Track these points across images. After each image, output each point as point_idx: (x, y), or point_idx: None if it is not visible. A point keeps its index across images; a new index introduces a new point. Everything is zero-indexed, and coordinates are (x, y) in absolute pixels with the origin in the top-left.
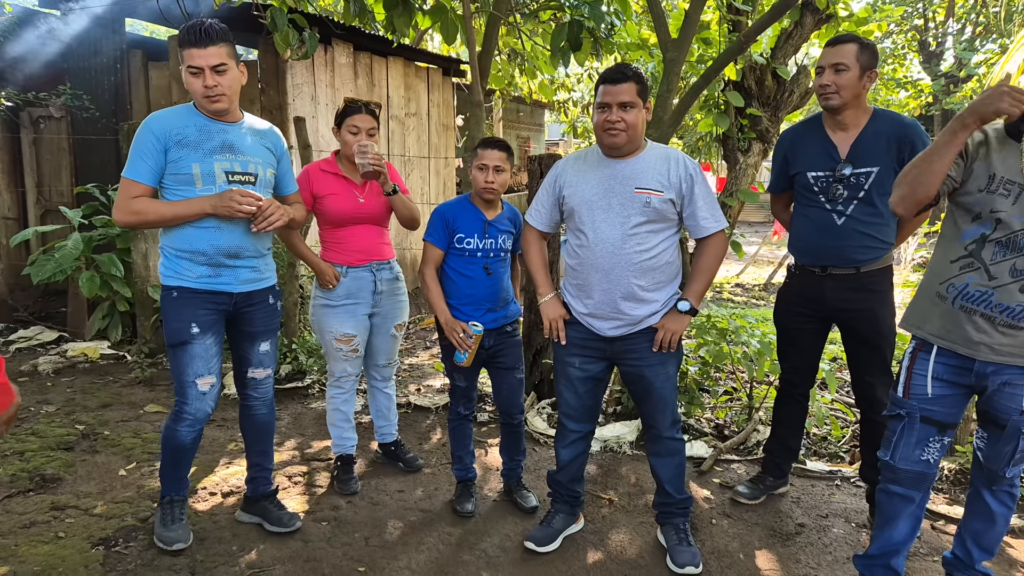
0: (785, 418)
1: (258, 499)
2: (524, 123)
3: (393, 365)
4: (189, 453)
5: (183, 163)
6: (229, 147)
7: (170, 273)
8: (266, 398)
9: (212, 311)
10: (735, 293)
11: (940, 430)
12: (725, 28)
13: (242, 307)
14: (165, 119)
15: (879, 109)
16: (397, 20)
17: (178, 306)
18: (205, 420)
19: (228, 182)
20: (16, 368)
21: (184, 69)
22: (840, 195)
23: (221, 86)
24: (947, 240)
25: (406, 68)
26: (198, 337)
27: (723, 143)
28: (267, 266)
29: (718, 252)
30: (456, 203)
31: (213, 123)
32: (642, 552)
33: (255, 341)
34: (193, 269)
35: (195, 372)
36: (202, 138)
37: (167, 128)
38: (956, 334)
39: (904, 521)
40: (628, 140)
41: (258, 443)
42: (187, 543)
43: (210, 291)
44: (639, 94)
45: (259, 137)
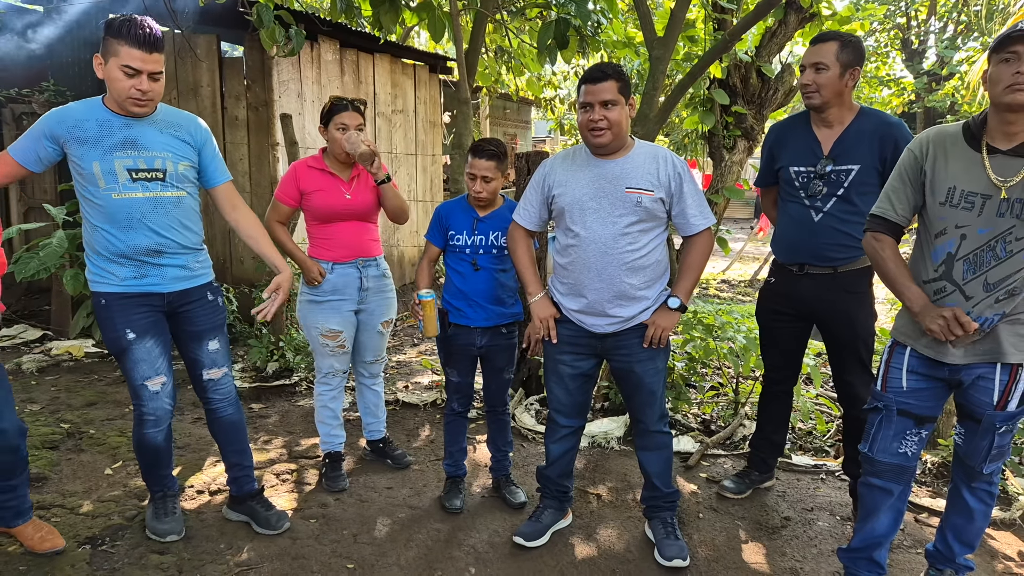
0: (770, 414)
1: (244, 498)
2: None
3: (381, 362)
4: (164, 453)
5: (85, 160)
6: (131, 143)
7: (96, 278)
8: (229, 397)
9: (146, 313)
10: (721, 289)
11: (918, 423)
12: (711, 26)
13: (179, 306)
14: (64, 113)
15: (866, 107)
16: (384, 17)
17: (109, 313)
18: (167, 418)
19: (132, 180)
20: None
21: (115, 63)
22: (819, 191)
23: (153, 92)
24: (920, 254)
25: (393, 65)
26: (136, 342)
27: (709, 141)
28: (199, 262)
29: (706, 249)
30: (454, 202)
31: (116, 118)
32: (630, 546)
33: (201, 340)
34: (118, 272)
35: (142, 375)
36: (102, 134)
37: (64, 122)
38: (943, 348)
39: (885, 514)
40: (613, 138)
41: (232, 443)
42: (180, 535)
43: (138, 294)
44: (620, 91)
45: (171, 128)
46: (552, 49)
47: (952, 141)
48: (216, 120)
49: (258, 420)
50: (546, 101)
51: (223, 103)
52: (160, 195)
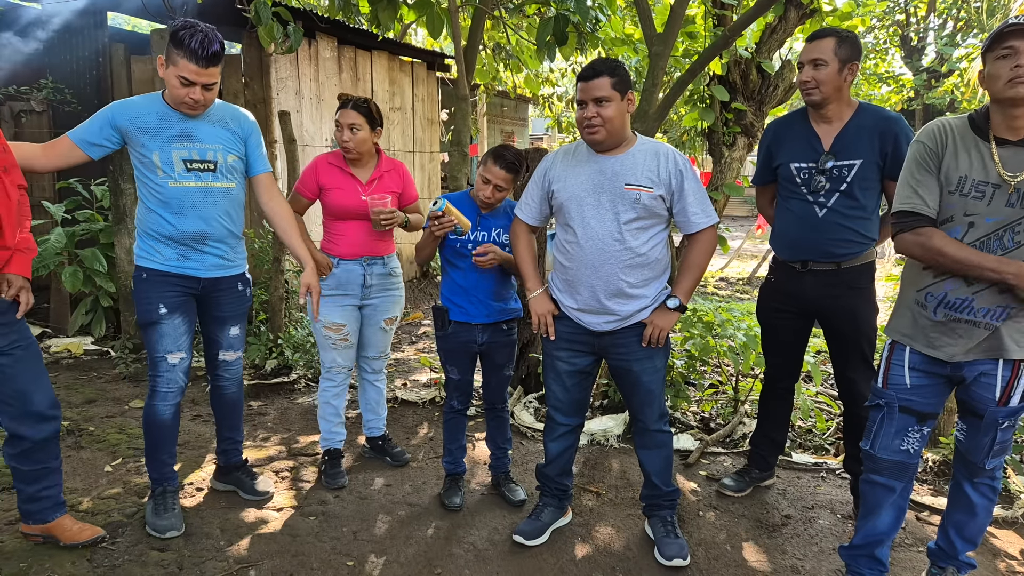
0: (770, 412)
1: (230, 469)
2: (508, 117)
3: (384, 358)
4: (169, 432)
5: (146, 150)
6: (187, 136)
7: (143, 253)
8: (236, 378)
9: (180, 293)
10: (719, 287)
11: (919, 420)
12: (710, 23)
13: (210, 292)
14: (128, 104)
15: (864, 103)
16: (382, 14)
17: (147, 287)
18: (179, 394)
19: (187, 170)
20: None
21: (173, 71)
22: (822, 187)
23: (205, 100)
24: None
25: (390, 62)
26: (166, 317)
27: (708, 137)
28: (236, 253)
29: (708, 248)
30: (457, 196)
31: (174, 112)
32: (629, 544)
33: (224, 325)
34: (163, 251)
35: (164, 348)
36: (162, 126)
37: (127, 112)
38: (932, 341)
39: (887, 511)
40: (608, 135)
41: (228, 418)
42: (180, 531)
43: (177, 274)
44: (615, 87)
45: (222, 122)
46: (551, 45)
47: (961, 132)
48: None
49: (257, 417)
50: (544, 98)
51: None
52: (211, 185)
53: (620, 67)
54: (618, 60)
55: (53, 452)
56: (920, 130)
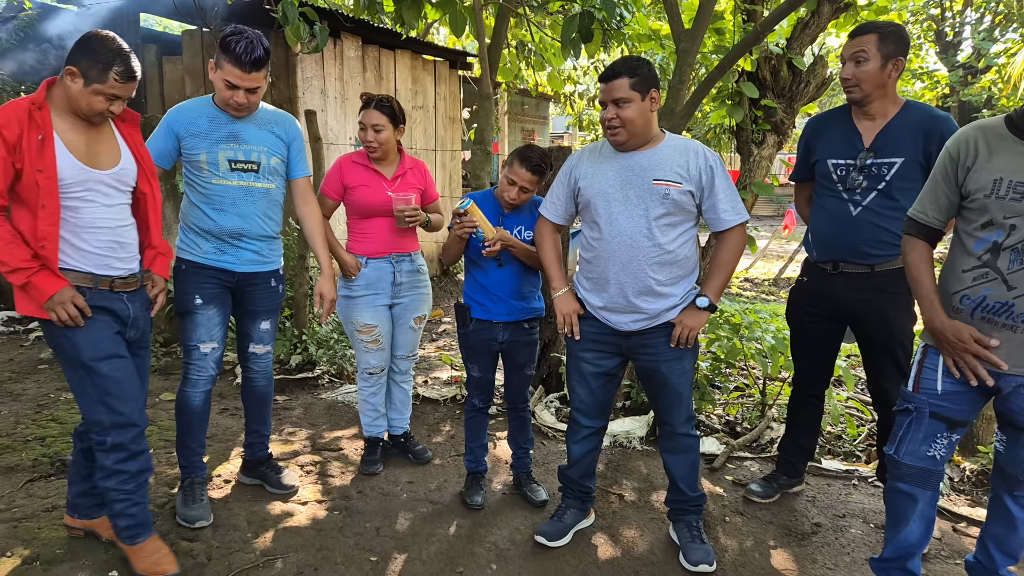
0: (799, 418)
1: (256, 463)
2: (529, 116)
3: (412, 358)
4: (199, 419)
5: (195, 151)
6: (234, 137)
7: (183, 246)
8: (265, 371)
9: (216, 285)
10: (744, 288)
11: (950, 427)
12: (740, 18)
13: (245, 286)
14: (184, 110)
15: (911, 101)
16: (406, 13)
17: (185, 278)
18: (210, 382)
19: (231, 169)
20: (36, 356)
21: (220, 76)
22: (859, 184)
23: (249, 103)
24: (958, 247)
25: (413, 61)
26: (201, 308)
27: (736, 135)
28: (271, 250)
29: (738, 246)
30: (481, 195)
31: (223, 114)
32: (653, 548)
33: (256, 319)
34: (201, 245)
35: (198, 338)
36: (212, 128)
37: (182, 119)
38: None
39: (916, 522)
40: (629, 136)
41: (257, 411)
42: (208, 521)
43: (214, 267)
44: (634, 88)
45: (268, 125)
46: (576, 43)
47: (995, 134)
48: None
49: (282, 412)
50: (565, 96)
51: None
52: (252, 185)
53: (642, 66)
54: (641, 59)
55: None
56: (952, 136)
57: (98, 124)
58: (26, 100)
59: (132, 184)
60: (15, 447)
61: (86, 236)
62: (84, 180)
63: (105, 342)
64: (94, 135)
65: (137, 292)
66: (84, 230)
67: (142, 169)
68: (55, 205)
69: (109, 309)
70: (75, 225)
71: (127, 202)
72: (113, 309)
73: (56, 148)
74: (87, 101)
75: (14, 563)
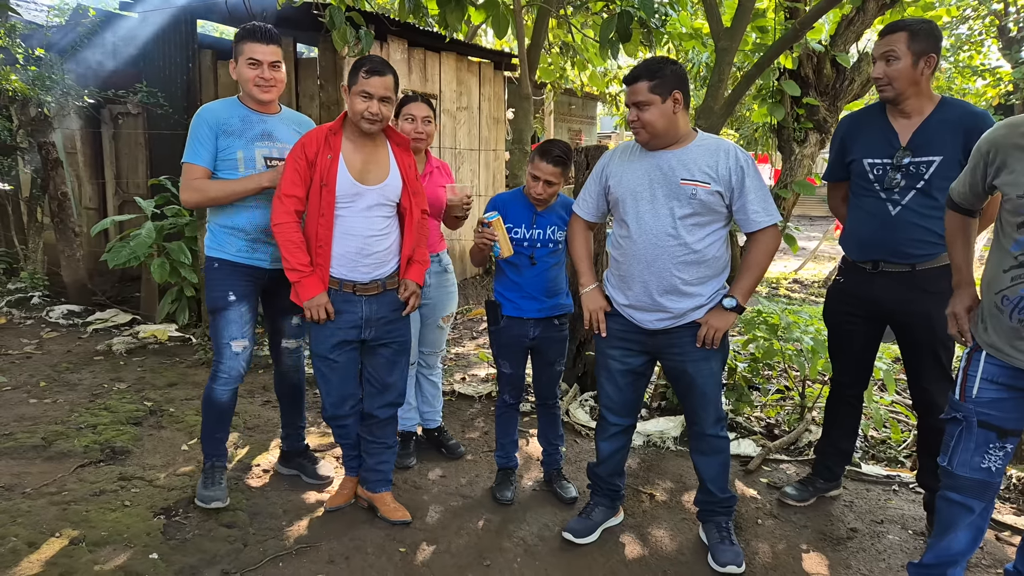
0: (836, 420)
1: (293, 454)
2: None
3: (438, 354)
4: (227, 414)
5: (230, 150)
6: (268, 135)
7: (214, 246)
8: (298, 365)
9: (248, 282)
10: (792, 289)
11: (1000, 435)
12: (781, 15)
13: (275, 283)
14: (215, 111)
15: (948, 97)
16: (450, 15)
17: (218, 276)
18: (239, 380)
19: (267, 166)
20: (92, 348)
21: (242, 60)
22: (897, 184)
23: (275, 79)
24: (999, 247)
25: (458, 63)
26: (234, 304)
27: (778, 134)
28: None
29: (769, 247)
30: (510, 194)
31: (254, 114)
32: (682, 548)
33: (287, 315)
34: (233, 243)
35: (230, 335)
36: (245, 127)
37: (217, 118)
38: (1014, 348)
39: (964, 531)
40: (651, 137)
41: (291, 404)
42: (224, 503)
43: (246, 265)
44: (653, 91)
45: (295, 126)
46: (614, 43)
47: None
48: None
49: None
50: (611, 96)
51: (298, 102)
52: None
53: (663, 68)
54: (665, 60)
55: (386, 434)
56: (986, 131)
57: (374, 140)
58: (327, 125)
59: (395, 199)
60: (68, 434)
61: (341, 241)
62: (353, 193)
63: (334, 340)
64: (370, 155)
65: (380, 296)
66: (342, 236)
67: (406, 187)
68: (331, 215)
69: (350, 311)
70: (338, 232)
71: (386, 215)
72: (352, 311)
73: (339, 165)
74: (352, 106)
75: (62, 543)
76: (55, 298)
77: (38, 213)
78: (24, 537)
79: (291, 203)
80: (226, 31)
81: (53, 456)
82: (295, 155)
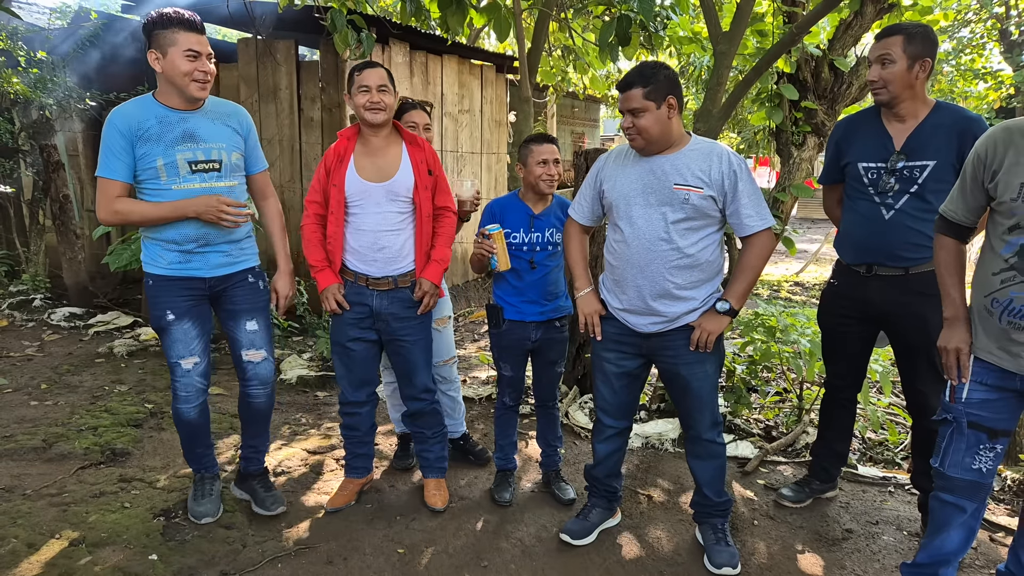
0: (831, 421)
1: (249, 477)
2: (579, 118)
3: (452, 364)
4: (200, 429)
5: (148, 157)
6: (190, 136)
7: (147, 260)
8: (266, 384)
9: (187, 297)
10: (793, 292)
11: (990, 436)
12: (780, 20)
13: (219, 288)
14: (128, 114)
15: (942, 102)
16: (451, 19)
17: (154, 293)
18: (201, 395)
19: (192, 172)
20: (93, 350)
21: (176, 51)
22: (891, 188)
23: (211, 74)
24: (989, 250)
25: (460, 66)
26: (175, 323)
27: (776, 137)
28: (242, 251)
29: (763, 251)
30: (505, 199)
31: (173, 113)
32: (679, 549)
33: (239, 319)
34: (165, 256)
35: (177, 354)
36: (163, 130)
37: (130, 124)
38: (1003, 351)
39: (956, 531)
40: (646, 143)
41: (255, 426)
42: (215, 517)
43: (182, 277)
44: (647, 97)
45: (222, 118)
46: (614, 46)
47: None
48: (293, 121)
49: (322, 407)
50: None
51: (299, 105)
52: (214, 185)
53: (656, 74)
54: (657, 65)
55: (425, 424)
56: (982, 136)
57: (385, 140)
58: (343, 133)
59: (406, 195)
60: (69, 436)
61: (355, 236)
62: (361, 191)
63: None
64: (380, 154)
65: (391, 292)
66: (355, 232)
67: (417, 185)
68: (341, 212)
69: (361, 303)
70: (352, 227)
71: (399, 211)
72: (363, 303)
73: (348, 168)
74: (355, 103)
75: (61, 545)
76: (57, 300)
77: (40, 215)
78: (24, 538)
79: (313, 208)
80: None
81: (53, 458)
82: (318, 168)
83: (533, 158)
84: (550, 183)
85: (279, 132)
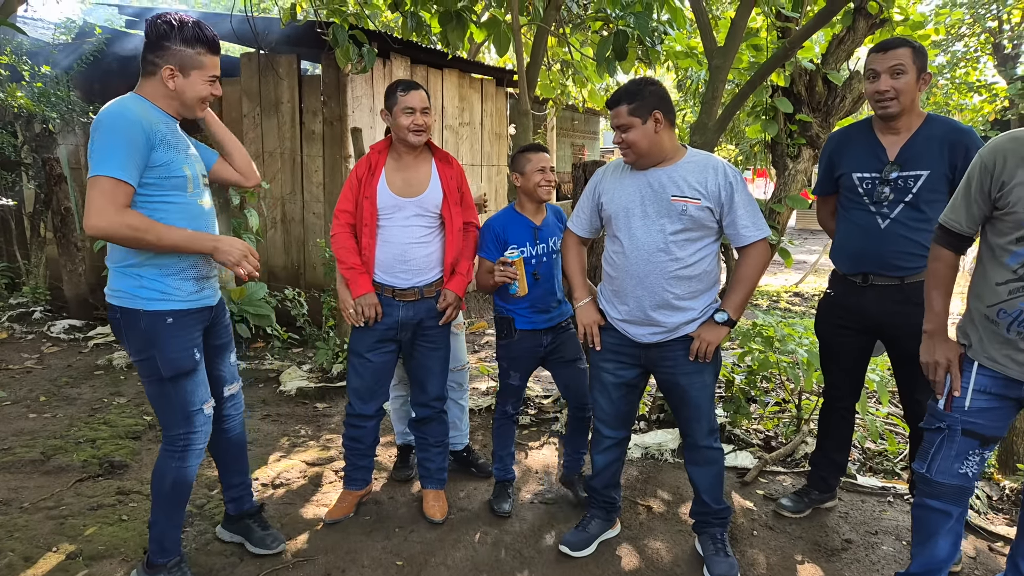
0: (829, 431)
1: (242, 517)
2: (579, 131)
3: (464, 370)
4: (189, 492)
5: (174, 165)
6: (190, 147)
7: (155, 296)
8: (240, 413)
9: (201, 330)
10: (793, 303)
11: (982, 443)
12: (774, 35)
13: (213, 321)
14: (140, 114)
15: (933, 114)
16: (451, 34)
17: (172, 333)
18: None
19: (204, 185)
20: (93, 362)
21: (199, 75)
22: (885, 197)
23: (216, 96)
24: (989, 260)
25: (460, 79)
26: (200, 363)
27: (772, 149)
28: None
29: (759, 262)
30: (504, 215)
31: (172, 120)
32: (678, 560)
33: (224, 354)
34: (182, 286)
35: (201, 399)
36: (175, 138)
37: (148, 124)
38: (1009, 359)
39: (944, 538)
40: (637, 157)
41: (238, 461)
42: None
43: (198, 308)
44: (632, 114)
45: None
46: (611, 61)
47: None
48: (294, 134)
49: (322, 419)
50: None
51: (301, 118)
52: (207, 201)
53: (642, 91)
54: (644, 81)
55: (429, 431)
56: (987, 145)
57: (416, 156)
58: (374, 146)
59: (434, 210)
60: (67, 448)
61: (382, 248)
62: (392, 205)
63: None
64: (412, 170)
65: (417, 303)
66: (383, 244)
67: (447, 199)
68: (374, 224)
69: (387, 314)
70: (380, 240)
71: (426, 225)
72: (390, 314)
73: (380, 181)
74: (397, 122)
75: (59, 558)
76: (57, 313)
77: (41, 228)
78: (20, 551)
79: (344, 217)
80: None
81: (51, 470)
82: (350, 177)
83: (532, 166)
84: (548, 190)
85: (280, 145)
